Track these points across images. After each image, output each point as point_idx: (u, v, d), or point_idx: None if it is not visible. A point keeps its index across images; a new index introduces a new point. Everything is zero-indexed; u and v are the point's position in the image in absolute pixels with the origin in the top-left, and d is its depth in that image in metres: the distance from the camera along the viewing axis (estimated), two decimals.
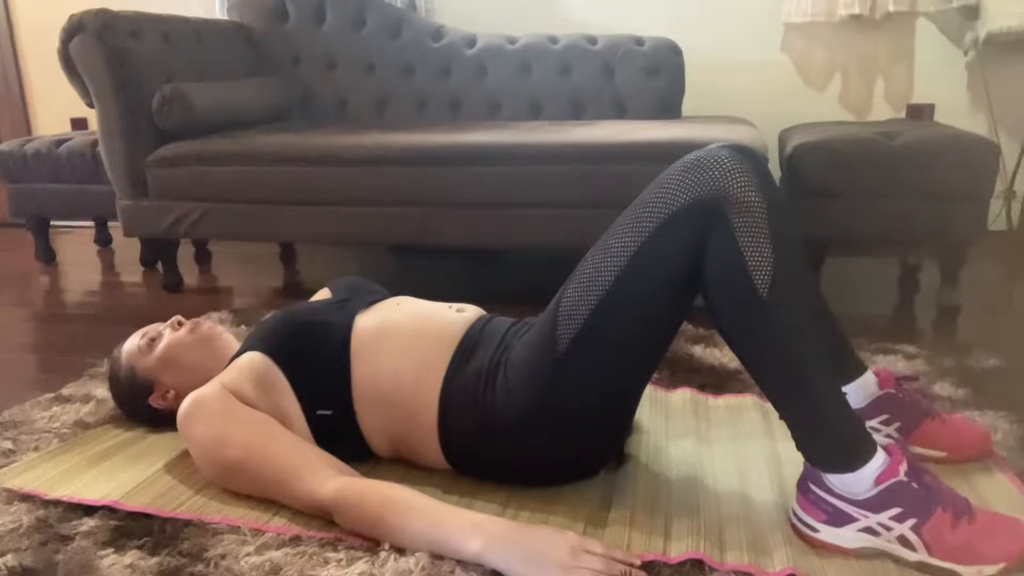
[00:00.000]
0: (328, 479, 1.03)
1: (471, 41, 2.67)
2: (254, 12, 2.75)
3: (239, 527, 1.03)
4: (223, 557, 0.97)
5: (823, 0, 2.57)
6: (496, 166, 1.96)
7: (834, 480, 0.95)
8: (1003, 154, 2.47)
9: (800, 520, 0.98)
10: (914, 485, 0.92)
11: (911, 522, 0.91)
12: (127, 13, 2.20)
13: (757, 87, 2.72)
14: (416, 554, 0.94)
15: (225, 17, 2.85)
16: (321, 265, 2.74)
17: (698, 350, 1.67)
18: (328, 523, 1.03)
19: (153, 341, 1.29)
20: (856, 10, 2.53)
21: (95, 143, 2.62)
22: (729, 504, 1.08)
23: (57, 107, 3.36)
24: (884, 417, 1.18)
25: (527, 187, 1.96)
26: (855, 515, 0.94)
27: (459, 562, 0.93)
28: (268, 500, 1.09)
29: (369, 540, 0.99)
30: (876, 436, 1.07)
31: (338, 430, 1.15)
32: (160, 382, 1.28)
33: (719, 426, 1.33)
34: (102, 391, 1.51)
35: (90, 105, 2.22)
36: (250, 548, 0.98)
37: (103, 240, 3.12)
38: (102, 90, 2.16)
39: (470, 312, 1.20)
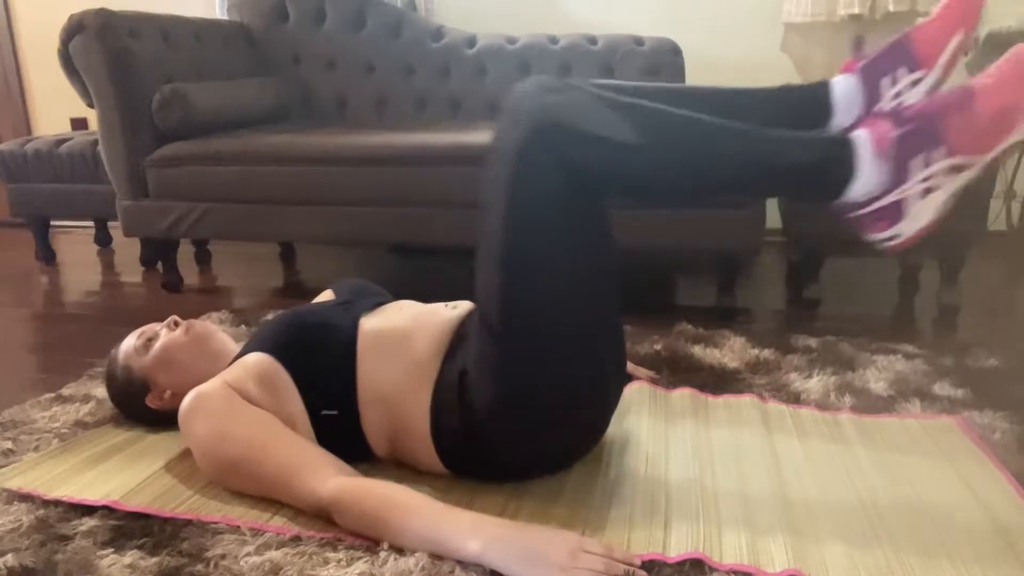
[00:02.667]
0: (329, 478, 1.03)
1: (471, 41, 2.67)
2: (254, 12, 2.75)
3: (239, 527, 1.03)
4: (223, 557, 0.97)
5: (823, 0, 2.57)
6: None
7: (854, 195, 0.90)
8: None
9: (884, 244, 0.93)
10: (906, 128, 0.87)
11: (942, 151, 0.86)
12: (127, 13, 2.20)
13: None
14: (416, 554, 0.94)
15: (225, 17, 2.85)
16: (321, 265, 2.74)
17: (698, 350, 1.67)
18: (328, 523, 1.03)
19: (150, 341, 1.29)
20: (856, 10, 2.54)
21: (95, 143, 2.62)
22: (729, 504, 1.08)
23: (57, 107, 3.36)
24: (888, 78, 1.01)
25: None
26: (900, 195, 0.88)
27: (459, 562, 0.93)
28: (268, 499, 1.09)
29: (369, 540, 0.99)
30: (852, 115, 1.01)
31: (341, 431, 1.15)
32: (156, 382, 1.28)
33: (719, 426, 1.33)
34: (102, 391, 1.51)
35: (90, 105, 2.22)
36: (250, 548, 0.98)
37: (103, 240, 3.12)
38: (102, 90, 2.16)
39: (462, 308, 1.20)
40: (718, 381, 1.51)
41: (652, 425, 1.33)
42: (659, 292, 2.29)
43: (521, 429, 1.07)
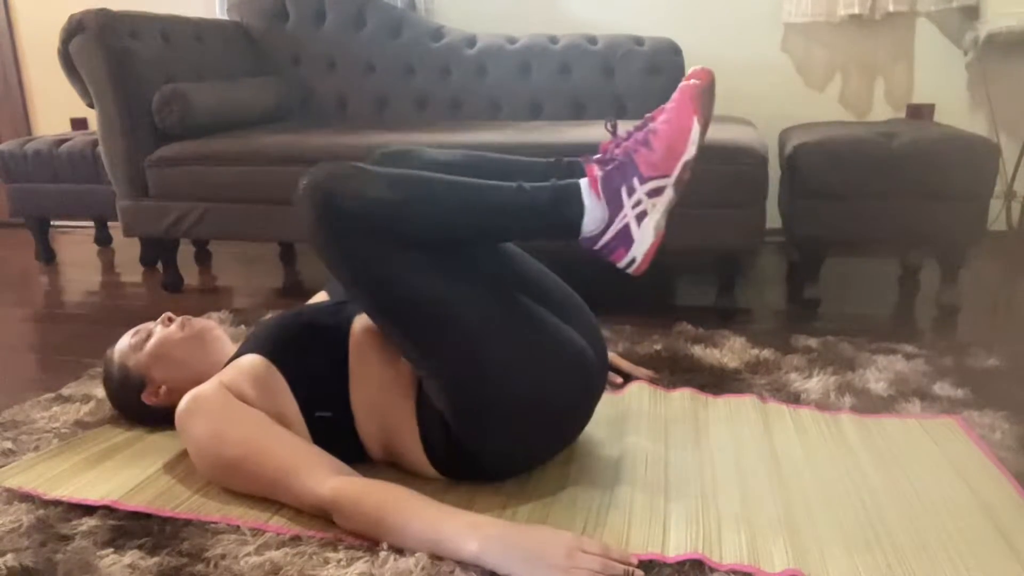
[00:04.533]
0: (326, 478, 1.03)
1: (471, 41, 2.67)
2: (254, 12, 2.75)
3: (239, 527, 1.03)
4: (223, 557, 0.97)
5: (823, 0, 2.57)
6: None
7: (588, 231, 1.05)
8: (1003, 154, 2.47)
9: (628, 269, 1.08)
10: (609, 167, 1.06)
11: (636, 181, 1.05)
12: (127, 13, 2.20)
13: (757, 87, 2.72)
14: (416, 554, 0.94)
15: (225, 17, 2.85)
16: (321, 265, 2.73)
17: (698, 350, 1.67)
18: (328, 523, 1.03)
19: (145, 338, 1.30)
20: (856, 10, 2.53)
21: (95, 143, 2.62)
22: (729, 504, 1.08)
23: (57, 107, 3.36)
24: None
25: None
26: (621, 223, 1.05)
27: (459, 562, 0.93)
28: (267, 499, 1.09)
29: (368, 540, 0.99)
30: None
31: (336, 432, 1.15)
32: (151, 378, 1.28)
33: (719, 426, 1.33)
34: (102, 391, 1.51)
35: (90, 105, 2.22)
36: (250, 548, 0.98)
37: (103, 240, 3.12)
38: (102, 90, 2.16)
39: None
40: (718, 381, 1.51)
41: (652, 425, 1.33)
42: (659, 292, 2.29)
43: (499, 440, 1.08)
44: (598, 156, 1.10)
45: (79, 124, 3.17)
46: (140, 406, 1.31)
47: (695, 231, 1.92)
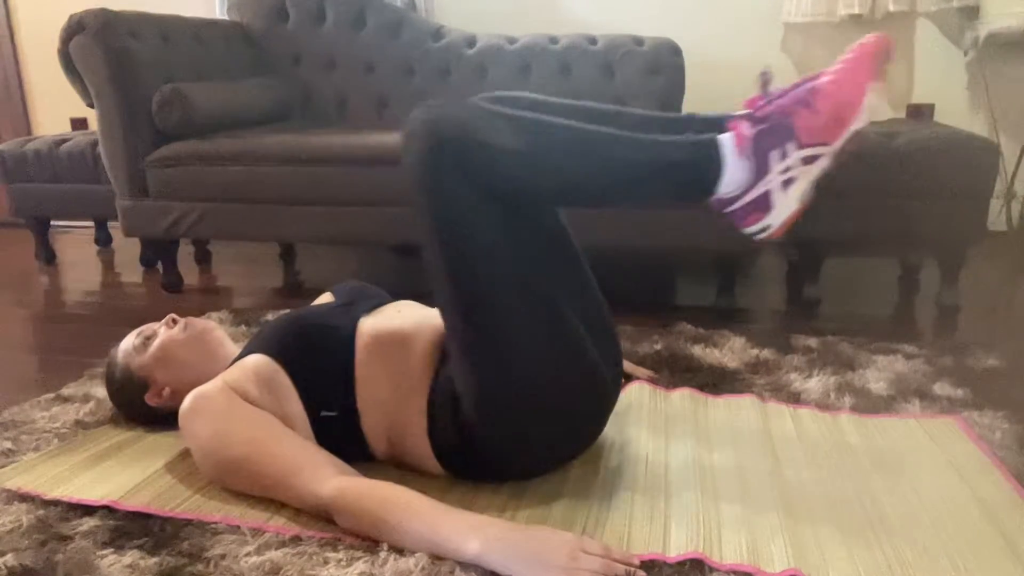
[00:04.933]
0: (329, 479, 1.03)
1: (471, 41, 2.67)
2: (254, 12, 2.75)
3: (239, 527, 1.03)
4: (223, 557, 0.97)
5: (823, 0, 2.57)
6: None
7: (723, 192, 0.98)
8: (1003, 154, 2.47)
9: (758, 236, 1.02)
10: (761, 127, 0.96)
11: (794, 144, 0.95)
12: (127, 13, 2.20)
13: (757, 87, 2.72)
14: (416, 554, 0.94)
15: (225, 17, 2.85)
16: (321, 265, 2.74)
17: (698, 350, 1.67)
18: (328, 523, 1.03)
19: (148, 340, 1.30)
20: (856, 10, 2.54)
21: (95, 143, 2.62)
22: (729, 504, 1.08)
23: (57, 107, 3.36)
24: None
25: None
26: (763, 188, 0.97)
27: (459, 562, 0.93)
28: (268, 499, 1.09)
29: (369, 540, 0.99)
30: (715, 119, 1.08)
31: (340, 432, 1.15)
32: (155, 380, 1.28)
33: (719, 426, 1.33)
34: (102, 391, 1.51)
35: (90, 105, 2.22)
36: (250, 548, 0.98)
37: (103, 240, 3.12)
38: (102, 90, 2.16)
39: None
40: (718, 381, 1.51)
41: (652, 425, 1.33)
42: (659, 292, 2.29)
43: (510, 435, 1.07)
44: (746, 112, 1.00)
45: (79, 124, 3.17)
46: (143, 407, 1.31)
47: (695, 231, 1.93)
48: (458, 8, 2.89)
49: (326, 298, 1.47)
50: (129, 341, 1.32)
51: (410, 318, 1.18)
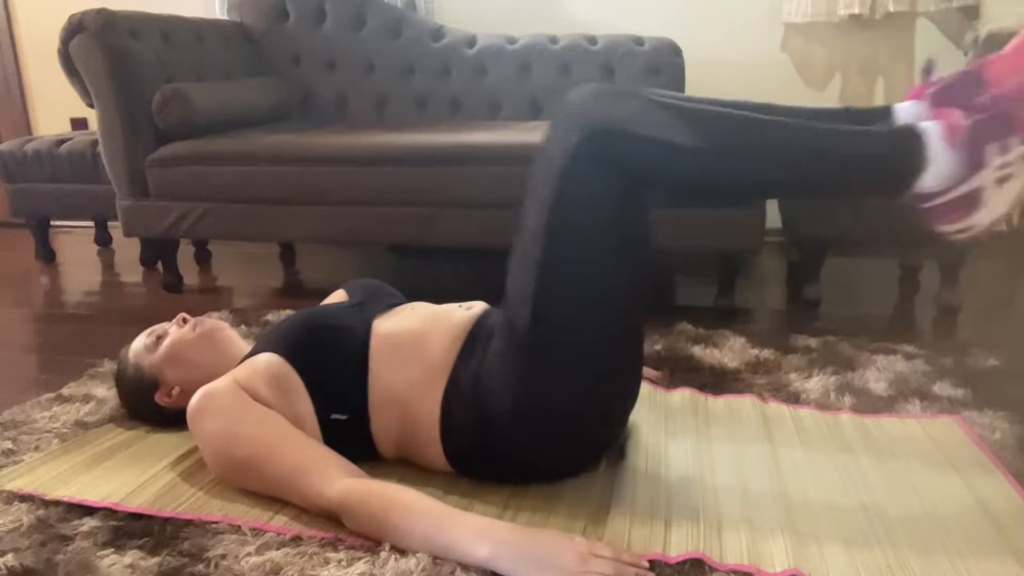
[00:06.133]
0: (336, 479, 1.03)
1: (471, 41, 2.67)
2: (254, 12, 2.75)
3: (239, 527, 1.03)
4: (223, 557, 0.97)
5: (823, 0, 2.57)
6: (496, 166, 1.96)
7: (927, 186, 0.89)
8: None
9: (957, 235, 0.93)
10: (979, 117, 0.87)
11: (1017, 139, 0.87)
12: (127, 13, 2.20)
13: (757, 87, 2.72)
14: (417, 555, 0.94)
15: (225, 17, 2.85)
16: (321, 265, 2.74)
17: (698, 350, 1.67)
18: (329, 523, 1.03)
19: (159, 339, 1.30)
20: (856, 10, 2.53)
21: (95, 143, 2.62)
22: (729, 504, 1.08)
23: (57, 107, 3.36)
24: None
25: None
26: (975, 184, 0.88)
27: (460, 564, 0.93)
28: (269, 499, 1.09)
29: (371, 540, 0.99)
30: (908, 110, 1.00)
31: (348, 433, 1.14)
32: (165, 379, 1.28)
33: (719, 426, 1.33)
34: (102, 391, 1.51)
35: (90, 105, 2.22)
36: (250, 548, 0.98)
37: (103, 240, 3.12)
38: (102, 90, 2.16)
39: (476, 308, 1.20)
40: (718, 381, 1.51)
41: (652, 425, 1.33)
42: (659, 292, 2.29)
43: (537, 434, 1.07)
44: (937, 97, 0.92)
45: (79, 124, 3.17)
46: (153, 407, 1.30)
47: (695, 231, 1.93)
48: (458, 8, 2.89)
49: (339, 295, 1.46)
50: (140, 341, 1.32)
51: (425, 318, 1.17)
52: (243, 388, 1.13)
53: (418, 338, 1.14)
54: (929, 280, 2.22)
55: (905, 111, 1.03)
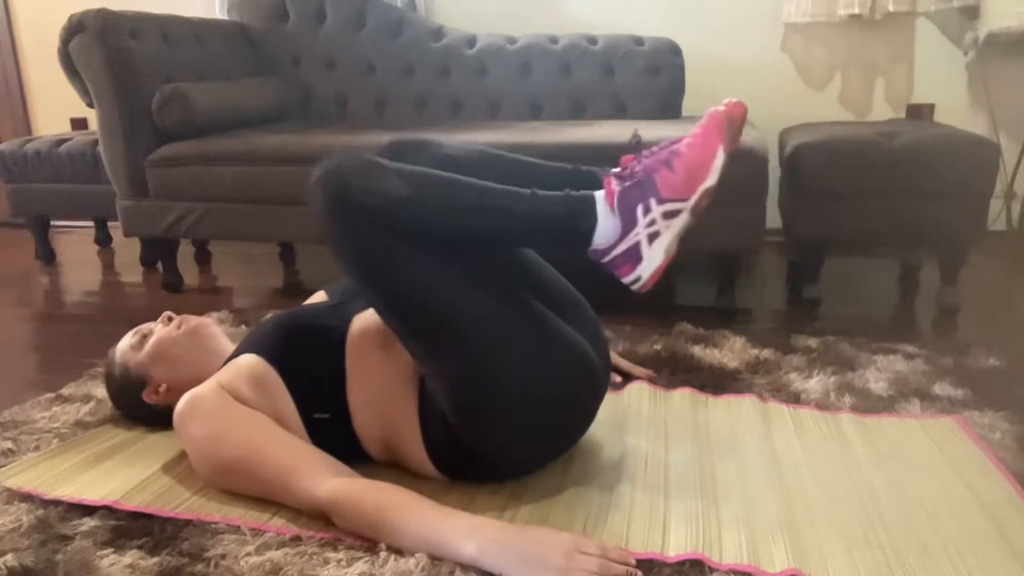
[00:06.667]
0: (325, 479, 1.03)
1: (471, 41, 2.67)
2: (254, 12, 2.75)
3: (239, 527, 1.03)
4: (223, 557, 0.97)
5: (823, 0, 2.57)
6: None
7: (597, 244, 1.05)
8: (1003, 154, 2.47)
9: (633, 286, 1.08)
10: (628, 183, 1.05)
11: (653, 201, 1.04)
12: (127, 13, 2.20)
13: (757, 87, 2.72)
14: (416, 555, 0.94)
15: (225, 17, 2.85)
16: (321, 265, 2.74)
17: (698, 350, 1.67)
18: (328, 523, 1.03)
19: (144, 338, 1.31)
20: (856, 10, 2.53)
21: (95, 143, 2.62)
22: (728, 504, 1.08)
23: (57, 107, 3.36)
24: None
25: None
26: (632, 240, 1.05)
27: (459, 563, 0.93)
28: (264, 500, 1.09)
29: (368, 540, 0.99)
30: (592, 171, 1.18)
31: (334, 433, 1.15)
32: (152, 377, 1.28)
33: (719, 426, 1.33)
34: (102, 391, 1.51)
35: (90, 105, 2.22)
36: (250, 548, 0.98)
37: (103, 240, 3.12)
38: (102, 90, 2.16)
39: None
40: (718, 381, 1.51)
41: (652, 425, 1.33)
42: (659, 292, 2.29)
43: (492, 434, 1.07)
44: (617, 170, 1.09)
45: (79, 124, 3.17)
46: (141, 405, 1.31)
47: (695, 231, 1.92)
48: (458, 8, 2.89)
49: (320, 297, 1.46)
50: (126, 340, 1.33)
51: None
52: (227, 391, 1.13)
53: (393, 341, 1.14)
54: (929, 280, 2.22)
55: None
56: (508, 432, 1.07)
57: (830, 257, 2.52)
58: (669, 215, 1.05)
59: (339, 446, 1.14)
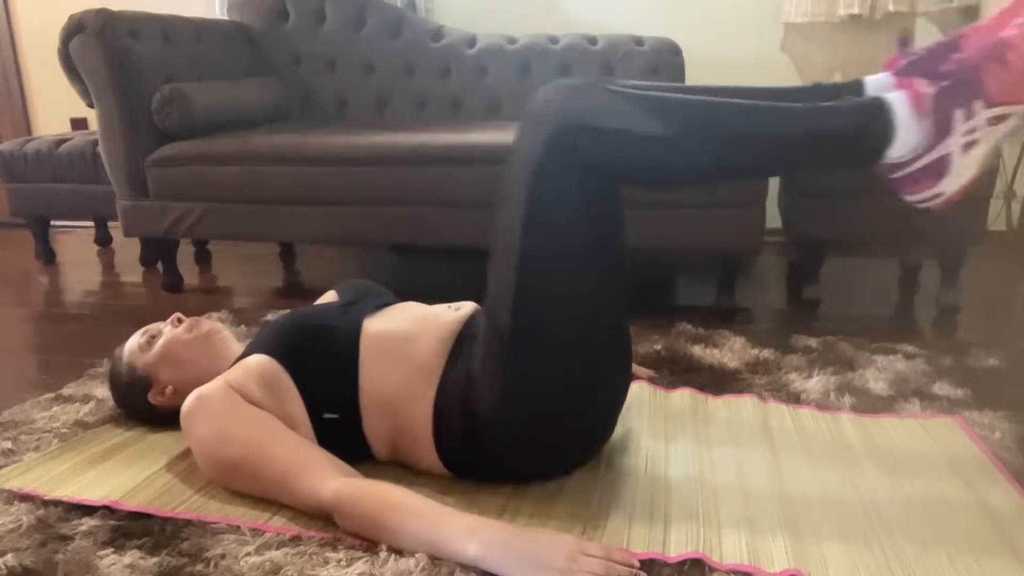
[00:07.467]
0: (329, 479, 1.03)
1: (471, 41, 2.67)
2: (254, 12, 2.75)
3: (239, 527, 1.03)
4: (223, 557, 0.97)
5: (823, 0, 2.56)
6: (496, 166, 1.96)
7: (895, 156, 0.90)
8: (1003, 154, 2.47)
9: (926, 204, 0.93)
10: (944, 84, 0.88)
11: (981, 103, 0.87)
12: (127, 13, 2.20)
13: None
14: (416, 555, 0.94)
15: (225, 17, 2.85)
16: (321, 265, 2.74)
17: (698, 350, 1.67)
18: (328, 523, 1.03)
19: (153, 339, 1.30)
20: (856, 10, 2.53)
21: (95, 143, 2.62)
22: (729, 504, 1.08)
23: (57, 107, 3.36)
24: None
25: None
26: (943, 151, 0.89)
27: (459, 564, 0.93)
28: (268, 500, 1.09)
29: (369, 541, 0.99)
30: (879, 82, 1.00)
31: (341, 433, 1.15)
32: (158, 379, 1.28)
33: (719, 426, 1.33)
34: (102, 391, 1.51)
35: (90, 105, 2.22)
36: (250, 548, 0.98)
37: (103, 240, 3.12)
38: (102, 90, 2.16)
39: (466, 309, 1.20)
40: (718, 381, 1.51)
41: (652, 425, 1.33)
42: (659, 292, 2.29)
43: (527, 436, 1.07)
44: (911, 69, 0.93)
45: (79, 124, 3.17)
46: (146, 406, 1.31)
47: (695, 231, 1.93)
48: (458, 8, 2.89)
49: (330, 296, 1.46)
50: (134, 340, 1.32)
51: (415, 318, 1.18)
52: (235, 390, 1.13)
53: (407, 340, 1.14)
54: (929, 280, 2.22)
55: (875, 83, 1.03)
56: (534, 446, 1.08)
57: (830, 257, 2.52)
58: (996, 120, 0.88)
59: (346, 446, 1.14)
